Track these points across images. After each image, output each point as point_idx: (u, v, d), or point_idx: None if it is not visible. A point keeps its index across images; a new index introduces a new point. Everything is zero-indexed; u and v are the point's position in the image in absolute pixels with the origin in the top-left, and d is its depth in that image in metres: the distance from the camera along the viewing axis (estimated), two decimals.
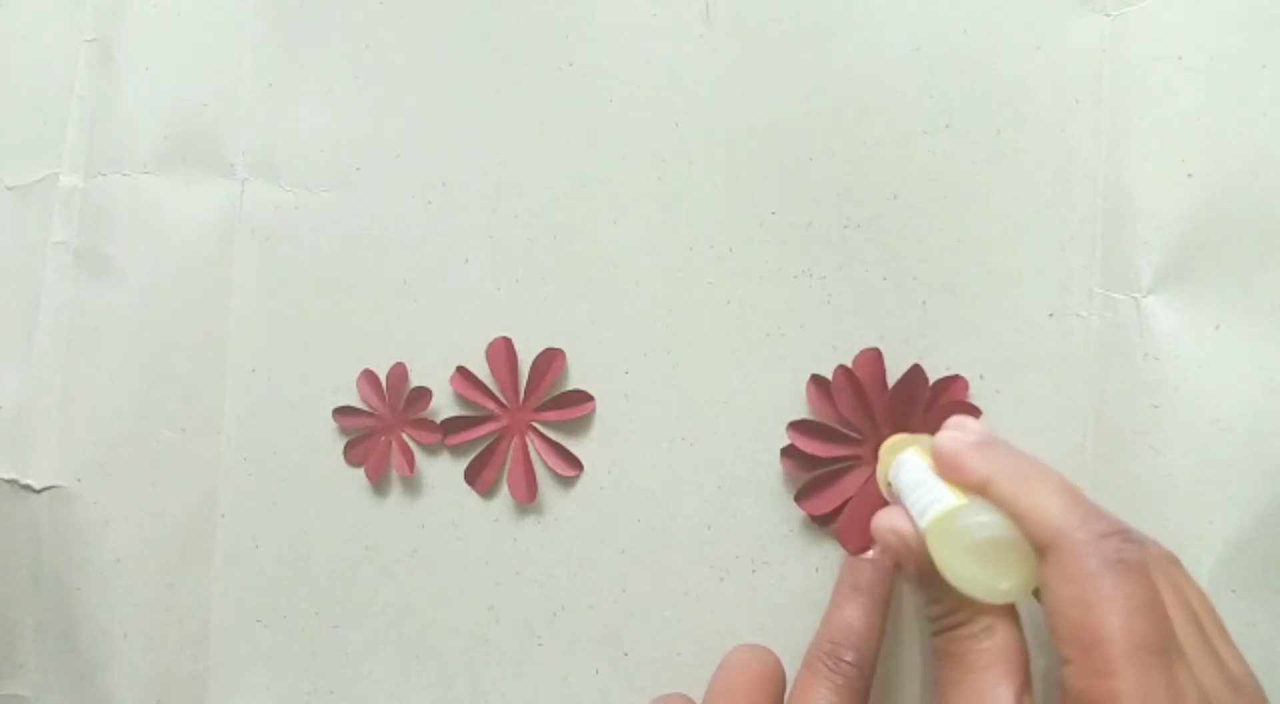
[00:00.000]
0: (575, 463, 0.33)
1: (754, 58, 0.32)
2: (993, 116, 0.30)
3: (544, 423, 0.34)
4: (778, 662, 0.30)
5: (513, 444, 0.34)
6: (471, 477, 0.35)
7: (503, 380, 0.34)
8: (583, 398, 0.33)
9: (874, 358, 0.30)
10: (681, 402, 0.33)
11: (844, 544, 0.30)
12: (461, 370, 0.35)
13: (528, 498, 0.34)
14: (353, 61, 0.37)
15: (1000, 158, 0.30)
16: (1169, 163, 0.28)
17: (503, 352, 0.34)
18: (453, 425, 0.35)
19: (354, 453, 0.36)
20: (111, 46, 0.40)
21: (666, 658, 0.33)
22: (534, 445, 0.34)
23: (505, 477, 0.34)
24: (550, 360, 0.33)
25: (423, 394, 0.35)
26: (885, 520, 0.26)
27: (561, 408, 0.34)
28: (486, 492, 0.35)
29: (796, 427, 0.31)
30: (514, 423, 0.34)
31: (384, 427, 0.36)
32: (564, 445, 0.34)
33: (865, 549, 0.30)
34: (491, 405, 0.34)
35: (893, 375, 0.30)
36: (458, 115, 0.36)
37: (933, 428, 0.29)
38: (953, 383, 0.29)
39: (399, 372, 0.36)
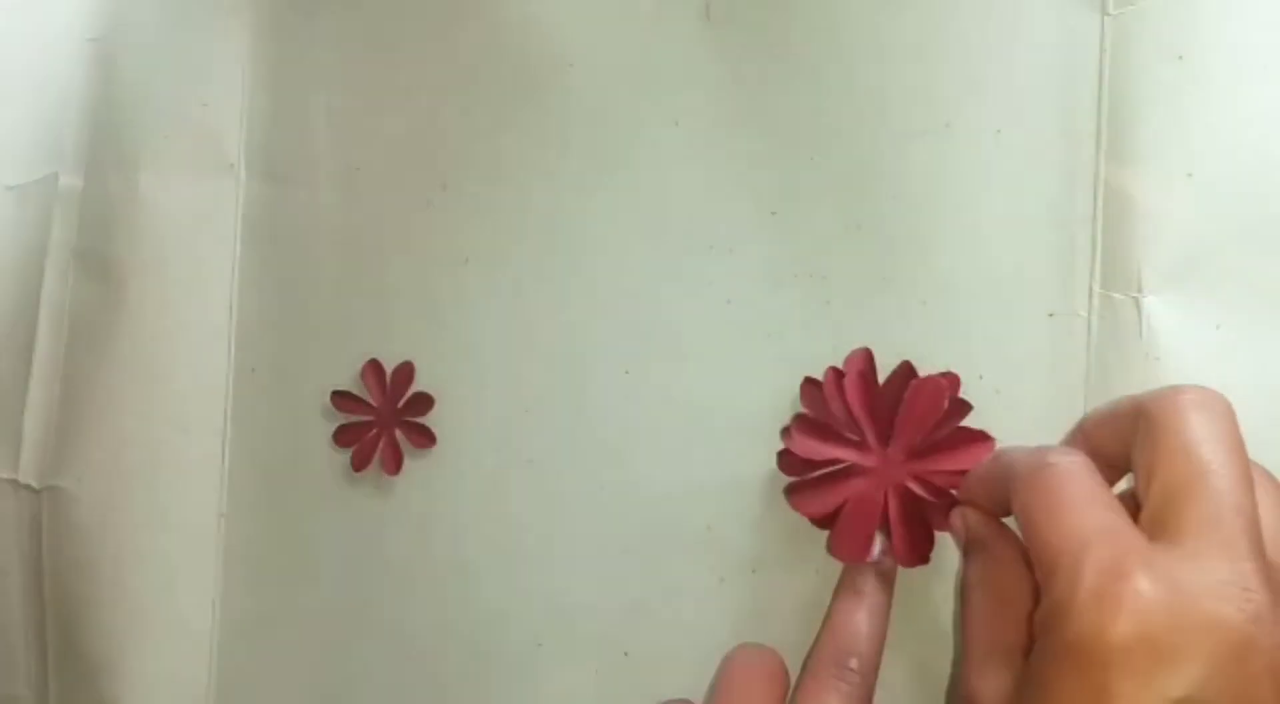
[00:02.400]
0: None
1: (754, 58, 0.32)
2: (993, 116, 0.30)
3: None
4: (781, 662, 0.30)
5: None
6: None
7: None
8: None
9: (864, 357, 0.30)
10: (682, 401, 0.33)
11: (834, 552, 0.29)
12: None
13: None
14: (353, 61, 0.37)
15: (1000, 158, 0.30)
16: (1169, 163, 0.28)
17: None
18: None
19: (343, 438, 0.36)
20: (111, 46, 0.40)
21: (666, 658, 0.33)
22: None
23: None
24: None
25: (423, 399, 0.35)
26: None
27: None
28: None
29: (792, 425, 0.30)
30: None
31: (378, 420, 0.36)
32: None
33: (860, 556, 0.29)
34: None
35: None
36: (458, 115, 0.36)
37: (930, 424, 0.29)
38: (943, 379, 0.29)
39: (405, 370, 0.36)
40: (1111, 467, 0.24)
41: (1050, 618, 0.20)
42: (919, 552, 0.28)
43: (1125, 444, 0.23)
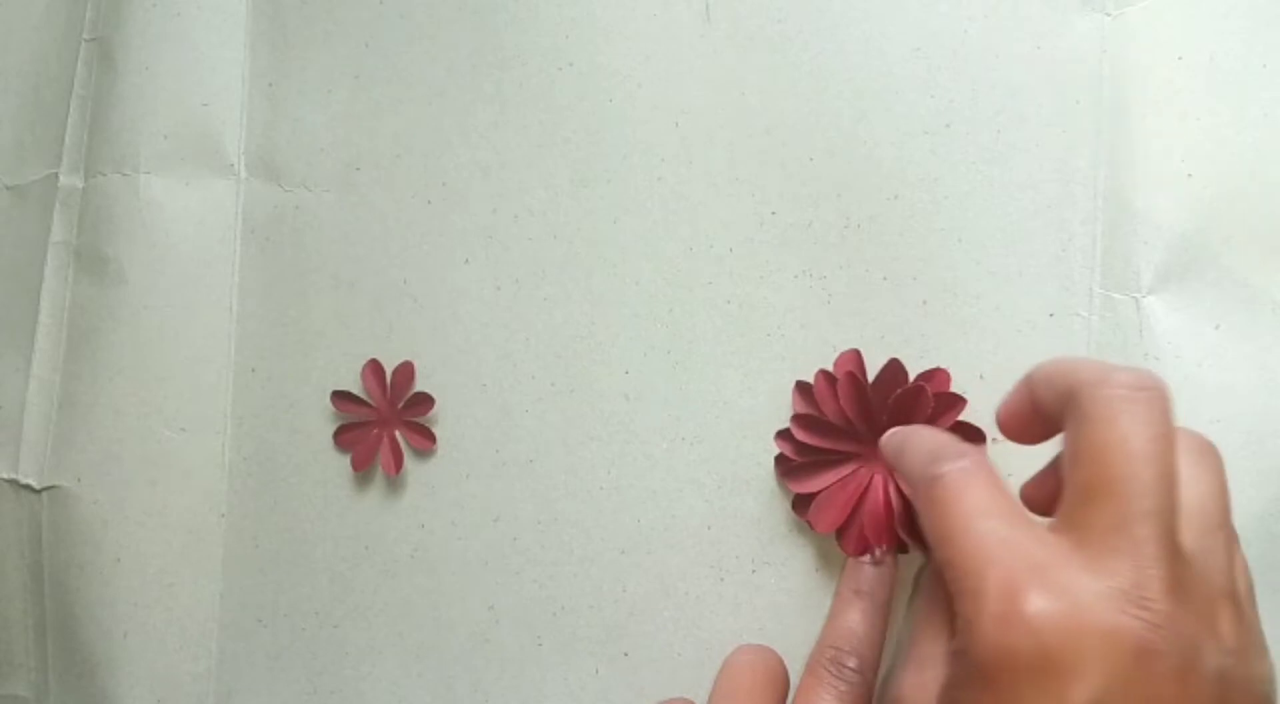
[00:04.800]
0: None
1: (754, 58, 0.32)
2: (993, 116, 0.30)
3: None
4: (781, 662, 0.30)
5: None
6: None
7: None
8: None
9: (853, 358, 0.30)
10: (681, 401, 0.33)
11: (814, 525, 0.30)
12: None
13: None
14: (353, 61, 0.37)
15: (1000, 158, 0.30)
16: (1169, 163, 0.28)
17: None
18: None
19: (343, 438, 0.36)
20: (111, 46, 0.40)
21: (666, 658, 0.33)
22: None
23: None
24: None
25: (424, 399, 0.35)
26: None
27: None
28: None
29: (790, 427, 0.31)
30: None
31: (379, 420, 0.36)
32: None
33: (864, 551, 0.29)
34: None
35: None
36: (458, 115, 0.36)
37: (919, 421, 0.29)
38: (934, 376, 0.29)
39: (405, 370, 0.36)
40: (1049, 422, 0.24)
41: (962, 641, 0.21)
42: (885, 536, 0.29)
43: (1061, 409, 0.23)
